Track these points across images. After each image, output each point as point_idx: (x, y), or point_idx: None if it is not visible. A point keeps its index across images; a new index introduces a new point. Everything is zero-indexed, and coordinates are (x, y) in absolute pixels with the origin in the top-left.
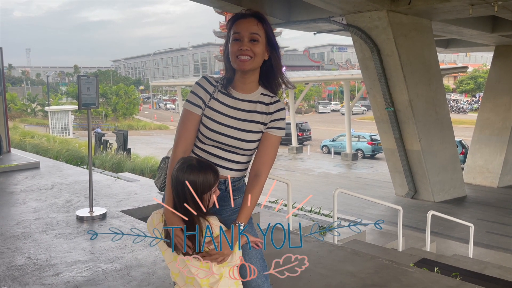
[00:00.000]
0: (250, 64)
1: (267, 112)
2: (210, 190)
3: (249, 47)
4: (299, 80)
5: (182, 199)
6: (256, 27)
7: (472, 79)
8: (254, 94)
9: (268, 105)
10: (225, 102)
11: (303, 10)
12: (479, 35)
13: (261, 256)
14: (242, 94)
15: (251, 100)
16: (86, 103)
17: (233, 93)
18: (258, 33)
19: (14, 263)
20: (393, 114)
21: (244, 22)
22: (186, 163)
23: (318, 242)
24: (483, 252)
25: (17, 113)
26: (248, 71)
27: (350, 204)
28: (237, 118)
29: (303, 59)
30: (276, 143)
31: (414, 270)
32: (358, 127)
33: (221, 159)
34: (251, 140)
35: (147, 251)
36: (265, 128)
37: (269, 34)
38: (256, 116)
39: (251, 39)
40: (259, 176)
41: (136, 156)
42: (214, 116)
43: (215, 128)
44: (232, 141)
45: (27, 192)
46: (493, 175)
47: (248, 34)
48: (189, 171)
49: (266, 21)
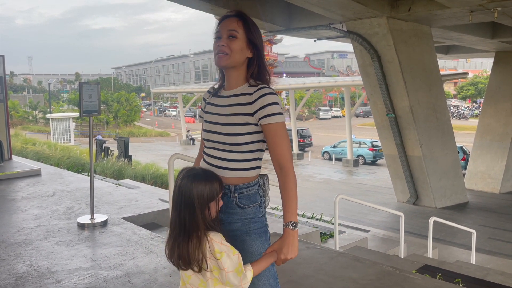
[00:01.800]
0: (227, 59)
1: (250, 102)
2: (215, 200)
3: (226, 43)
4: (300, 87)
5: (188, 209)
6: (235, 24)
7: (473, 85)
8: (239, 89)
9: (251, 94)
10: (214, 102)
11: (304, 17)
12: (479, 41)
13: (272, 275)
14: (228, 91)
15: (236, 94)
16: (88, 110)
17: (221, 92)
18: (236, 30)
19: (15, 271)
20: (394, 120)
21: (225, 22)
22: (192, 172)
23: (320, 249)
24: (486, 259)
25: (18, 121)
26: (226, 66)
27: (351, 211)
28: (222, 113)
29: (304, 65)
30: (278, 130)
31: (417, 276)
32: (359, 133)
33: (218, 160)
34: (237, 133)
35: (148, 258)
36: (258, 120)
37: (250, 32)
38: (238, 108)
39: (229, 36)
40: (283, 168)
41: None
42: (206, 117)
43: (206, 128)
44: (221, 137)
45: (28, 199)
46: (495, 181)
47: (227, 31)
48: (197, 180)
49: (248, 19)
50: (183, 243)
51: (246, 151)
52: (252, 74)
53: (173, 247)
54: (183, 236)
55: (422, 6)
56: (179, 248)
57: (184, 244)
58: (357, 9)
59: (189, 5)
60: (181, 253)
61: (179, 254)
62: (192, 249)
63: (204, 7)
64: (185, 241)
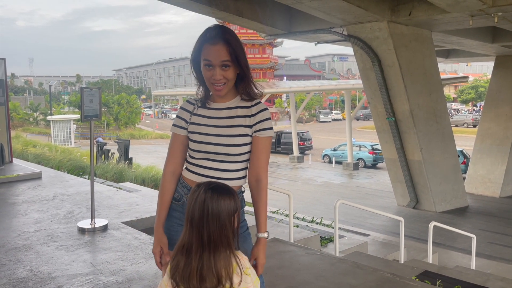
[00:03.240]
0: (225, 89)
1: (249, 115)
2: (238, 212)
3: (221, 75)
4: (300, 90)
5: (216, 223)
6: (225, 53)
7: (473, 88)
8: (233, 101)
9: (249, 108)
10: (205, 114)
11: (304, 21)
12: (480, 46)
13: (262, 283)
14: (221, 104)
15: (231, 106)
16: (89, 114)
17: (212, 104)
18: (228, 60)
19: (16, 276)
20: (394, 124)
21: (213, 50)
22: (214, 186)
23: (320, 255)
24: (486, 263)
25: (19, 122)
26: (225, 94)
27: (351, 214)
28: (219, 125)
29: (304, 68)
30: (267, 144)
31: (416, 283)
32: (359, 136)
33: (212, 170)
34: (237, 144)
35: (149, 263)
36: (253, 132)
37: (237, 53)
38: (238, 120)
39: (222, 66)
40: (260, 181)
41: (138, 166)
42: (197, 129)
43: (200, 139)
44: (219, 148)
45: (28, 203)
46: (495, 185)
47: (219, 62)
48: (223, 194)
49: (233, 40)
50: (208, 258)
51: (242, 160)
52: (242, 87)
53: (187, 263)
54: (209, 251)
55: (422, 11)
56: (198, 263)
57: (208, 259)
58: (357, 13)
59: (190, 8)
60: (202, 268)
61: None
62: (219, 263)
63: (205, 11)
64: (211, 255)
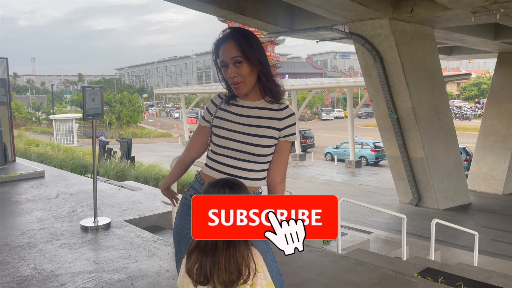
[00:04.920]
0: (244, 87)
1: (279, 118)
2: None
3: (235, 72)
4: (302, 88)
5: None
6: (235, 49)
7: (476, 85)
8: (261, 102)
9: (278, 111)
10: (233, 111)
11: (306, 18)
12: (482, 42)
13: (278, 271)
14: (249, 102)
15: (259, 107)
16: (91, 114)
17: (240, 102)
18: (238, 55)
19: (19, 274)
20: (396, 122)
21: (224, 48)
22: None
23: (322, 252)
24: (488, 261)
25: (22, 122)
26: (246, 93)
27: (354, 212)
28: (247, 124)
29: (306, 66)
30: (289, 148)
31: (418, 280)
32: (361, 134)
33: (234, 168)
34: (263, 145)
35: (151, 261)
36: (281, 136)
37: (250, 50)
38: (267, 121)
39: (235, 63)
40: (283, 181)
41: (140, 164)
42: (223, 124)
43: (225, 135)
44: (244, 147)
45: (32, 202)
46: (498, 182)
47: (230, 59)
48: (238, 190)
49: (243, 37)
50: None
51: (265, 162)
52: (265, 88)
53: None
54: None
55: (424, 8)
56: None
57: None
58: (359, 10)
59: (192, 7)
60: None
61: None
62: (239, 257)
63: (207, 9)
64: (234, 248)
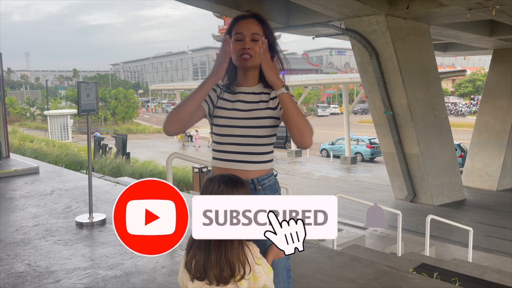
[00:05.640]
0: (251, 62)
1: (272, 97)
2: None
3: (251, 46)
4: (298, 84)
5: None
6: (257, 27)
7: (471, 82)
8: (257, 87)
9: (270, 93)
10: (230, 99)
11: (302, 14)
12: (477, 39)
13: (286, 269)
14: (246, 88)
15: (255, 92)
16: (86, 109)
17: (237, 89)
18: (258, 33)
19: (14, 270)
20: (392, 118)
21: (245, 23)
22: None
23: (318, 248)
24: (483, 256)
25: (16, 117)
26: (250, 68)
27: (349, 208)
28: (244, 109)
29: (302, 62)
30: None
31: (414, 276)
32: (357, 130)
33: (240, 154)
34: (264, 126)
35: (147, 257)
36: (278, 110)
37: (269, 36)
38: (262, 104)
39: (252, 39)
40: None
41: (135, 160)
42: (222, 113)
43: (225, 123)
44: (246, 131)
45: (26, 198)
46: (492, 178)
47: (250, 34)
48: (238, 186)
49: (266, 23)
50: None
51: (269, 143)
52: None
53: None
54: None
55: (420, 4)
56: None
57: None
58: (355, 6)
59: (187, 2)
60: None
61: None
62: (233, 254)
63: (202, 4)
64: (226, 246)
